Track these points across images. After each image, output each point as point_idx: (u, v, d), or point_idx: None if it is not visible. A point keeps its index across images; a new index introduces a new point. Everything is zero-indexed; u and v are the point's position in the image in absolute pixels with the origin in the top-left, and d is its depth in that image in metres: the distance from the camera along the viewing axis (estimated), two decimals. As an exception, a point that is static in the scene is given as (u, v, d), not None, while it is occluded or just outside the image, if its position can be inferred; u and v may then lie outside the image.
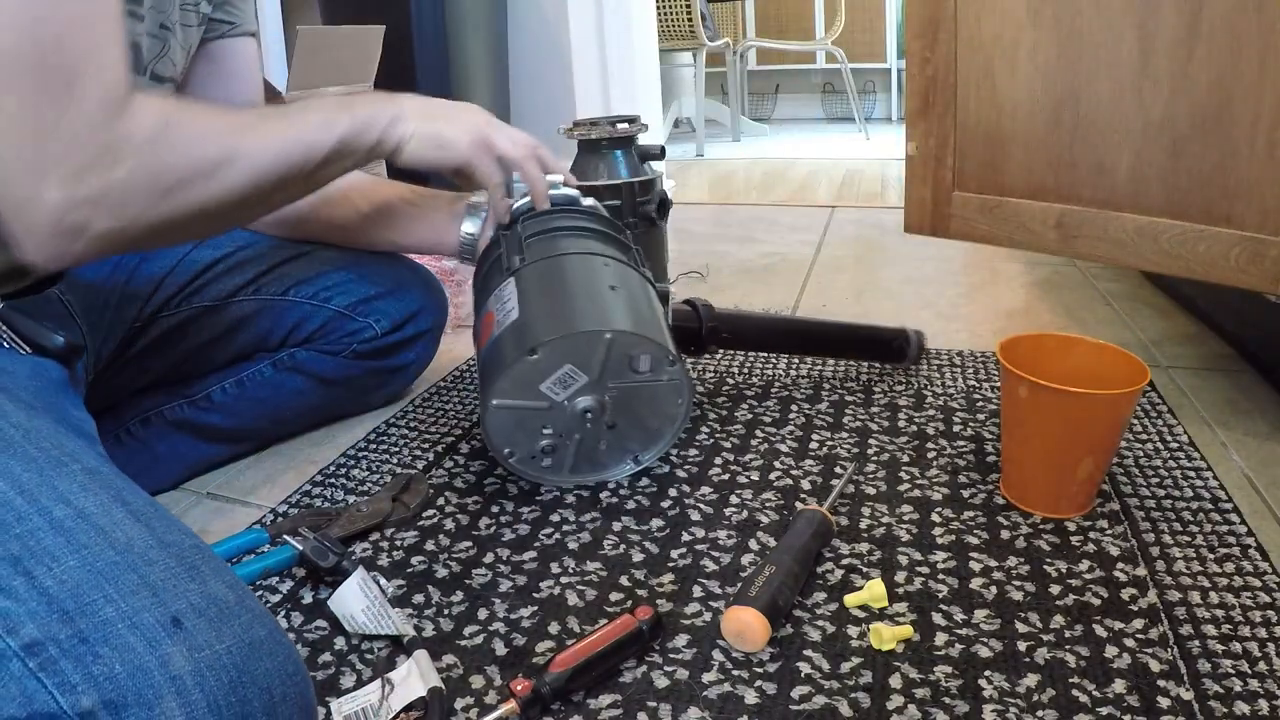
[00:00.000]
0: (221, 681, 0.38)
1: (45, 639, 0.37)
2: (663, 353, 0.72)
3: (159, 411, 0.82)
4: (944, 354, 1.04)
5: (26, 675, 0.36)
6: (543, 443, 0.75)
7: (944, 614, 0.58)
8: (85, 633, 0.37)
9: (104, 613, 0.38)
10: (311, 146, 0.65)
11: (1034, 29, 0.89)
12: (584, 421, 0.73)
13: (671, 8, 3.01)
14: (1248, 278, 0.77)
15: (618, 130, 1.01)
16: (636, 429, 0.76)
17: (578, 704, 0.52)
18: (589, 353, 0.71)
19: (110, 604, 0.38)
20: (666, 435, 0.77)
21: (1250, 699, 0.50)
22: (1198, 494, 0.72)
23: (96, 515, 0.42)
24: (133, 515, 0.43)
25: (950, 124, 1.00)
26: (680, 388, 0.74)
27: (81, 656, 0.36)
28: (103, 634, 0.37)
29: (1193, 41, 0.77)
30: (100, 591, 0.38)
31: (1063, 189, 0.91)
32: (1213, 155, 0.78)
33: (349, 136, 0.68)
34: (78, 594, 0.38)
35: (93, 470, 0.46)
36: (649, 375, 0.73)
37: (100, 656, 0.37)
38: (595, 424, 0.74)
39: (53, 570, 0.39)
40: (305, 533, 0.66)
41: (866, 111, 4.17)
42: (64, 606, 0.38)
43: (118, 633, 0.37)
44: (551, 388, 0.72)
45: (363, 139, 0.69)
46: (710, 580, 0.63)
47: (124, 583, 0.39)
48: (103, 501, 0.43)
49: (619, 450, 0.77)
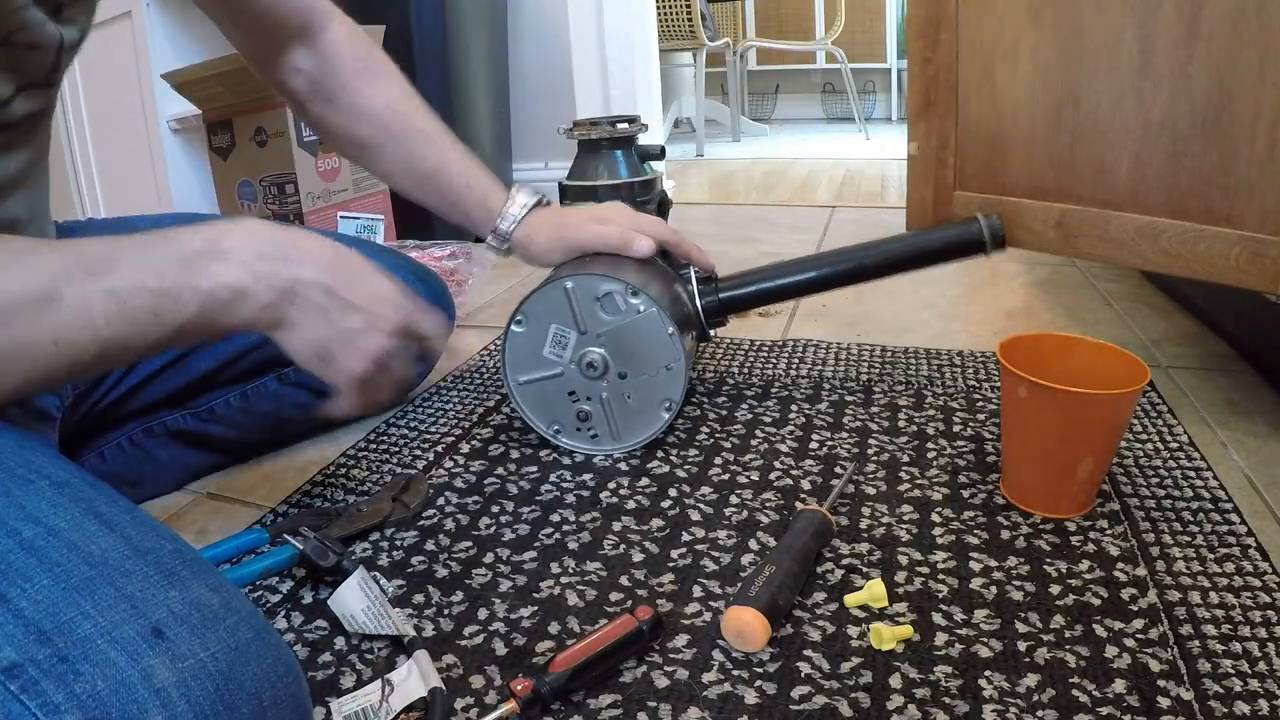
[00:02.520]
0: (207, 690, 0.37)
1: (24, 660, 0.36)
2: (619, 284, 0.77)
3: (161, 421, 0.82)
4: (944, 354, 1.04)
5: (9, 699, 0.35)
6: (577, 407, 0.81)
7: (944, 614, 0.58)
8: (64, 651, 0.36)
9: (82, 629, 0.37)
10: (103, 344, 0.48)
11: (1034, 29, 0.89)
12: (595, 375, 0.79)
13: (671, 8, 3.01)
14: (1248, 277, 0.77)
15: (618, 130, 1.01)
16: (649, 373, 0.80)
17: (578, 704, 0.52)
18: (561, 308, 0.78)
19: (88, 620, 0.37)
20: (678, 370, 0.80)
21: (1250, 699, 0.50)
22: (1198, 494, 0.72)
23: (68, 531, 0.41)
24: (106, 527, 0.42)
25: (951, 124, 1.00)
26: (657, 317, 0.78)
27: (63, 676, 0.36)
28: (82, 651, 0.36)
29: (1193, 41, 0.77)
30: (77, 608, 0.38)
31: (1063, 188, 0.91)
32: (1213, 155, 0.78)
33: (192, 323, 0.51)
34: (54, 613, 0.37)
35: (61, 484, 0.45)
36: (624, 313, 0.78)
37: (81, 674, 0.36)
38: (608, 376, 0.79)
39: (26, 591, 0.38)
40: (305, 533, 0.66)
41: (866, 111, 4.17)
42: (40, 627, 0.37)
43: (98, 649, 0.36)
44: (553, 351, 0.79)
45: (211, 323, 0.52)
46: (710, 580, 0.63)
47: (101, 597, 0.38)
48: (73, 516, 0.42)
49: (650, 403, 0.81)
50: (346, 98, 0.82)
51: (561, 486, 0.77)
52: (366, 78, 0.83)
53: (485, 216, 0.86)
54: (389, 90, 0.83)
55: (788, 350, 1.07)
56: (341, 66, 0.82)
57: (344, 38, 0.82)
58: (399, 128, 0.83)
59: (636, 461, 0.81)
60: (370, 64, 0.83)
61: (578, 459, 0.82)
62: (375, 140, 0.83)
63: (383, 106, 0.83)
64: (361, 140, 0.84)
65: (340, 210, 1.36)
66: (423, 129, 0.84)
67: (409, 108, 0.84)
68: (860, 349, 1.07)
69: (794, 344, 1.09)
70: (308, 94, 0.83)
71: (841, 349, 1.07)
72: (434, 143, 0.84)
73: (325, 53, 0.81)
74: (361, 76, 0.82)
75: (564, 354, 0.79)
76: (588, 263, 0.82)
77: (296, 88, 0.83)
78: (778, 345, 1.09)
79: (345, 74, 0.82)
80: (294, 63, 0.81)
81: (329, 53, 0.81)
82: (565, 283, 0.78)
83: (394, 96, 0.83)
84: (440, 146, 0.84)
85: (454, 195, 0.85)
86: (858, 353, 1.05)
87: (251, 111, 1.27)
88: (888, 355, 1.04)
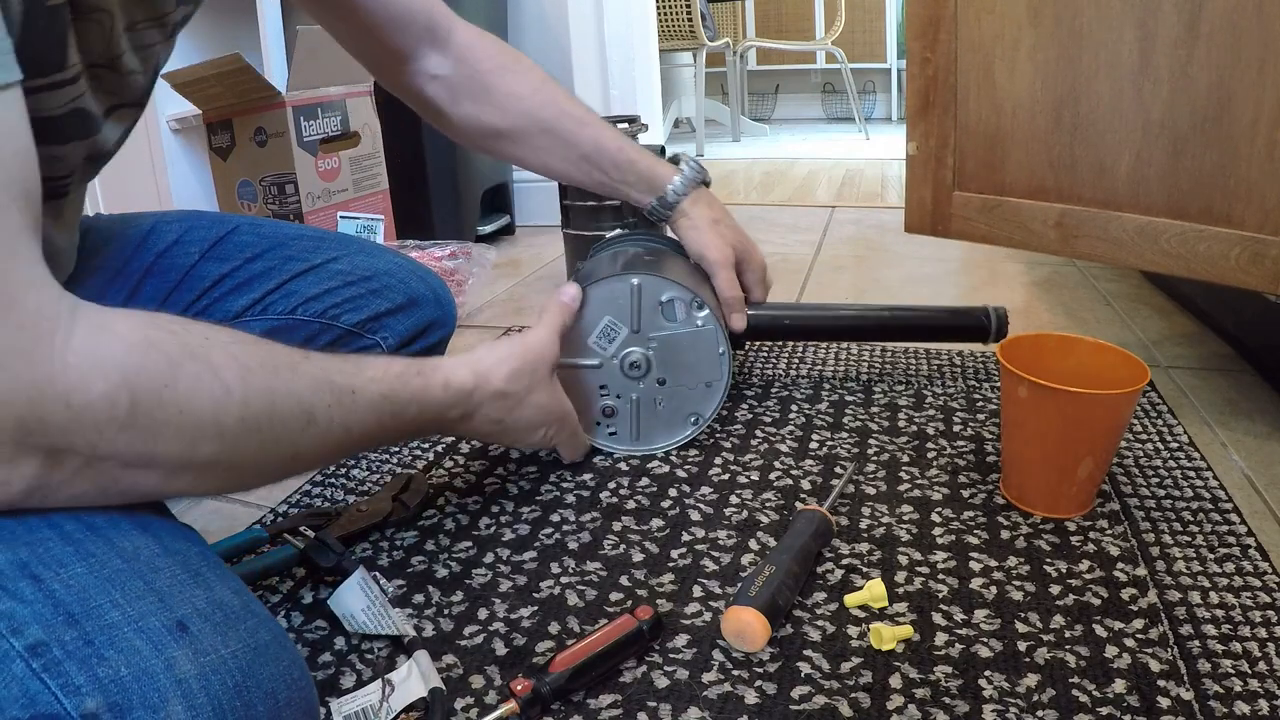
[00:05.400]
0: (226, 685, 0.38)
1: (50, 640, 0.37)
2: (687, 294, 0.78)
3: None
4: (944, 354, 1.04)
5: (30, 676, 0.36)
6: (604, 403, 0.80)
7: (944, 614, 0.58)
8: (91, 635, 0.37)
9: (110, 616, 0.38)
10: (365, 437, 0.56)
11: (1034, 29, 0.89)
12: (635, 376, 0.79)
13: (671, 8, 3.01)
14: (1248, 278, 0.77)
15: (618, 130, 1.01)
16: (687, 385, 0.80)
17: (578, 704, 0.52)
18: (621, 302, 0.78)
19: (116, 608, 0.38)
20: (717, 389, 0.81)
21: (1250, 699, 0.50)
22: (1198, 494, 0.72)
23: (104, 527, 0.42)
24: (139, 526, 0.43)
25: (950, 124, 1.00)
26: (715, 333, 0.79)
27: (86, 659, 0.36)
28: (108, 637, 0.37)
29: (1193, 41, 0.77)
30: (107, 596, 0.38)
31: (1063, 189, 0.91)
32: (1213, 155, 0.78)
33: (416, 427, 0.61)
34: (84, 598, 0.38)
35: None
36: (682, 323, 0.79)
37: (105, 659, 0.36)
38: (646, 380, 0.80)
39: (60, 575, 0.39)
40: (305, 532, 0.66)
41: (866, 111, 4.17)
42: (70, 610, 0.38)
43: (124, 636, 0.37)
44: (598, 342, 0.79)
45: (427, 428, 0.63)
46: (710, 580, 0.63)
47: (130, 588, 0.39)
48: (110, 514, 0.43)
49: (677, 412, 0.81)
50: (496, 93, 0.84)
51: (561, 486, 0.77)
52: (510, 70, 0.84)
53: (647, 189, 0.89)
54: (532, 79, 0.85)
55: (788, 350, 1.07)
56: (482, 65, 0.83)
57: (476, 38, 0.84)
58: (552, 114, 0.85)
59: (636, 461, 0.81)
60: (508, 58, 0.85)
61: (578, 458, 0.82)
62: (530, 130, 0.85)
63: (530, 95, 0.84)
64: (516, 133, 0.85)
65: (340, 210, 1.36)
66: (574, 112, 0.86)
67: (557, 94, 0.86)
68: (860, 349, 1.07)
69: (794, 344, 1.09)
70: (449, 99, 0.84)
71: (841, 349, 1.07)
72: (586, 124, 0.86)
73: (462, 54, 0.82)
74: (505, 70, 0.84)
75: (609, 347, 0.79)
76: (662, 260, 0.83)
77: (435, 94, 0.84)
78: (778, 345, 1.09)
79: (488, 70, 0.83)
80: (430, 69, 0.82)
81: (466, 54, 0.83)
82: (633, 279, 0.77)
83: (538, 85, 0.85)
84: (593, 127, 0.87)
85: (617, 173, 0.87)
86: (858, 353, 1.05)
87: (251, 111, 1.27)
88: (888, 355, 1.04)
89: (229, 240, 0.84)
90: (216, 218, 0.86)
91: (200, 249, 0.82)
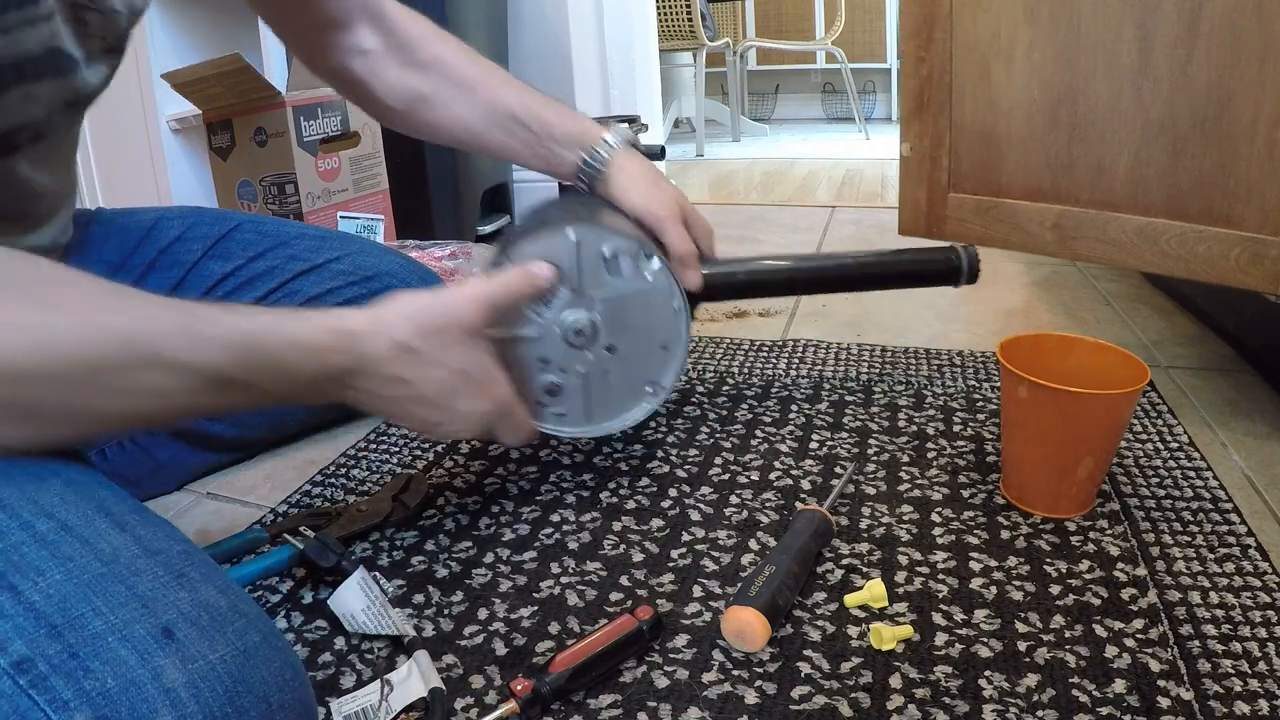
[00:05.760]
0: (216, 692, 0.37)
1: (35, 655, 0.36)
2: (634, 246, 0.67)
3: None
4: (944, 354, 1.04)
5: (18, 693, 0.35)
6: (547, 379, 0.69)
7: (944, 614, 0.58)
8: (75, 647, 0.36)
9: (93, 626, 0.37)
10: None
11: (1031, 28, 0.89)
12: (579, 345, 0.68)
13: (671, 8, 3.01)
14: (1248, 278, 0.77)
15: (617, 130, 1.01)
16: (642, 351, 0.70)
17: (578, 704, 0.52)
18: (558, 259, 0.66)
19: (99, 617, 0.37)
20: (676, 352, 0.71)
21: (1250, 699, 0.50)
22: (1198, 494, 0.72)
23: (80, 527, 0.41)
24: (117, 525, 0.42)
25: (945, 124, 1.00)
26: (669, 287, 0.69)
27: (73, 672, 0.35)
28: (93, 648, 0.36)
29: (1192, 41, 0.77)
30: (88, 604, 0.38)
31: (1060, 190, 0.91)
32: (1213, 155, 0.78)
33: None
34: (65, 608, 0.37)
35: (72, 481, 0.45)
36: (629, 278, 0.68)
37: (91, 671, 0.36)
38: (593, 348, 0.69)
39: (38, 584, 0.38)
40: (305, 532, 0.66)
41: (866, 111, 4.17)
42: (52, 621, 0.37)
43: (108, 646, 0.36)
44: (533, 307, 0.67)
45: None
46: (710, 580, 0.63)
47: (112, 595, 0.38)
48: (85, 513, 0.42)
49: (632, 383, 0.71)
50: (422, 55, 0.82)
51: (561, 486, 0.77)
52: (439, 40, 0.84)
53: (576, 145, 0.82)
54: (461, 48, 0.85)
55: (788, 350, 1.07)
56: (411, 33, 0.82)
57: (408, 13, 0.83)
58: (477, 73, 0.83)
59: (636, 461, 0.81)
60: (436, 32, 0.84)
61: (578, 459, 0.82)
62: (453, 93, 0.83)
63: (454, 58, 0.83)
64: (439, 97, 0.83)
65: (340, 210, 1.36)
66: (499, 74, 0.84)
67: (483, 60, 0.85)
68: (860, 349, 1.07)
69: (794, 344, 1.09)
70: (375, 69, 0.82)
71: (841, 349, 1.07)
72: (511, 85, 0.84)
73: (393, 26, 0.82)
74: (433, 38, 0.83)
75: (547, 313, 0.67)
76: (597, 214, 0.72)
77: (359, 69, 0.82)
78: (778, 345, 1.09)
79: (417, 37, 0.82)
80: (360, 44, 0.81)
81: (395, 26, 0.82)
82: (568, 231, 0.66)
83: (466, 52, 0.84)
84: (520, 90, 0.84)
85: (544, 128, 0.82)
86: (858, 353, 1.06)
87: (251, 111, 1.27)
88: (888, 355, 1.04)
89: (231, 238, 0.84)
90: (219, 215, 0.86)
91: (203, 246, 0.82)
